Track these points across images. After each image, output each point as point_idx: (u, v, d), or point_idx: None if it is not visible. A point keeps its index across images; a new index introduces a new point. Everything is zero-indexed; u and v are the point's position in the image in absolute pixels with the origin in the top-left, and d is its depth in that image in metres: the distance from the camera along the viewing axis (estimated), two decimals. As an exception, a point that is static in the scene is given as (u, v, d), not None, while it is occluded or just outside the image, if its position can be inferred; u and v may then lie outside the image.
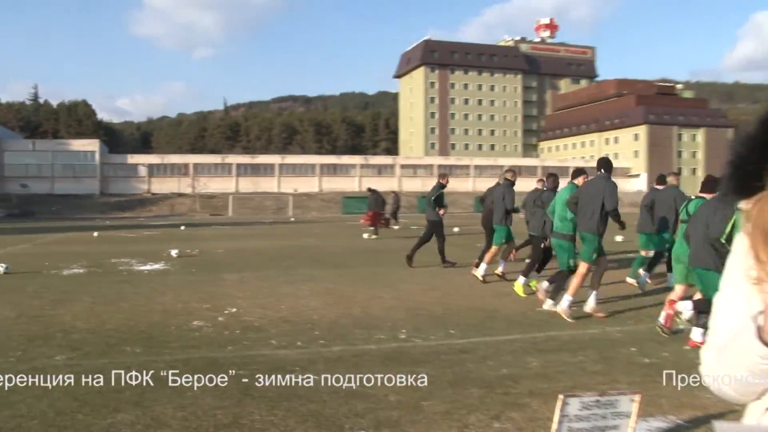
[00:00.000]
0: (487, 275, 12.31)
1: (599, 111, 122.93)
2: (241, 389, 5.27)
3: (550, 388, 5.34)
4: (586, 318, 8.59)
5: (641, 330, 7.90)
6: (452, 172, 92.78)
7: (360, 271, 14.09)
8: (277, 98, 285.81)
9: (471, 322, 8.31)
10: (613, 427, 3.91)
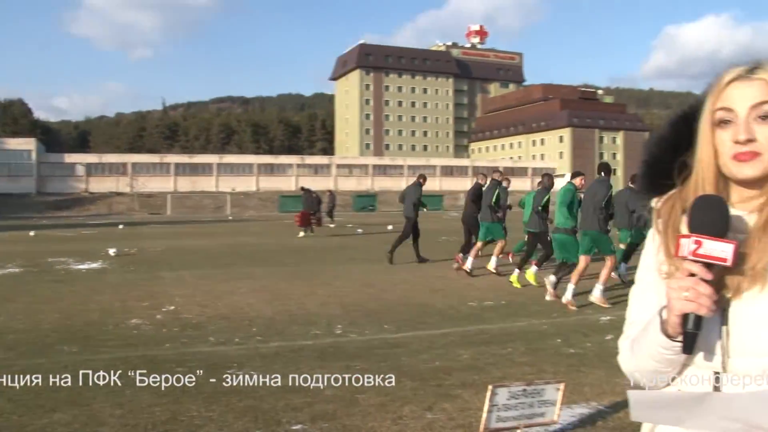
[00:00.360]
0: (472, 269, 12.75)
1: (526, 114, 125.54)
2: (179, 386, 5.25)
3: (480, 379, 5.51)
4: (515, 312, 8.85)
5: (567, 322, 8.20)
6: (386, 172, 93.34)
7: (297, 269, 14.11)
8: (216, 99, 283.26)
9: (405, 317, 8.47)
10: (539, 414, 4.11)
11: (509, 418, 3.98)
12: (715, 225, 1.24)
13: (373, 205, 75.25)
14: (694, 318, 1.22)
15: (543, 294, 10.16)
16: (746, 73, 1.30)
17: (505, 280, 11.90)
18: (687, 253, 1.23)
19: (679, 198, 1.43)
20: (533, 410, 4.07)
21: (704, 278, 1.22)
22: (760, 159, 1.29)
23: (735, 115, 1.29)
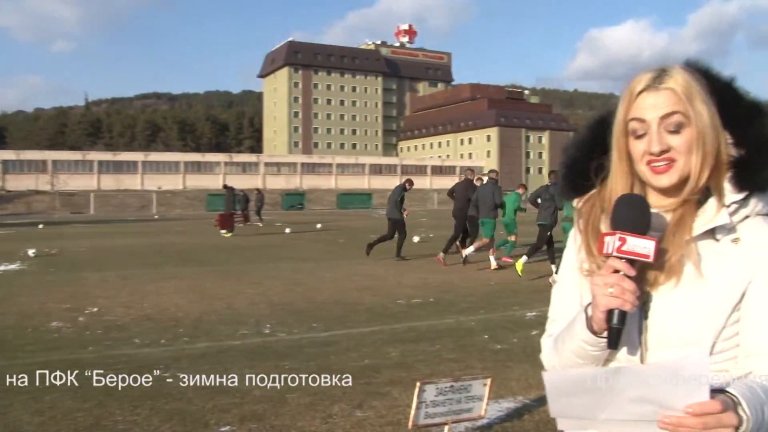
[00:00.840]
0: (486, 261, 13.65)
1: (454, 113, 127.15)
2: (103, 390, 5.12)
3: (409, 377, 5.55)
4: (443, 309, 8.94)
5: (493, 318, 8.33)
6: (315, 170, 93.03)
7: (225, 268, 13.94)
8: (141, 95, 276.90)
9: (334, 316, 8.47)
10: (467, 409, 4.17)
11: (437, 414, 4.02)
12: (638, 222, 1.29)
13: (302, 204, 74.84)
14: (618, 313, 1.26)
15: (471, 291, 10.33)
16: (654, 83, 1.35)
17: (438, 278, 12.02)
18: (611, 250, 1.27)
19: (598, 198, 1.48)
20: (461, 406, 4.12)
21: (628, 274, 1.26)
22: (675, 167, 1.35)
23: (647, 125, 1.34)
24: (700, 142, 1.34)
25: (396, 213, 16.15)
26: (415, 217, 45.71)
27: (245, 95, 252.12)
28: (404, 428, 4.29)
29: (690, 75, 1.35)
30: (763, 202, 1.38)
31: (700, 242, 1.36)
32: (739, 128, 1.39)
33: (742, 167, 1.37)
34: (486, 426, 4.50)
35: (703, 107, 1.33)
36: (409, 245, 20.04)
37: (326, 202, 79.93)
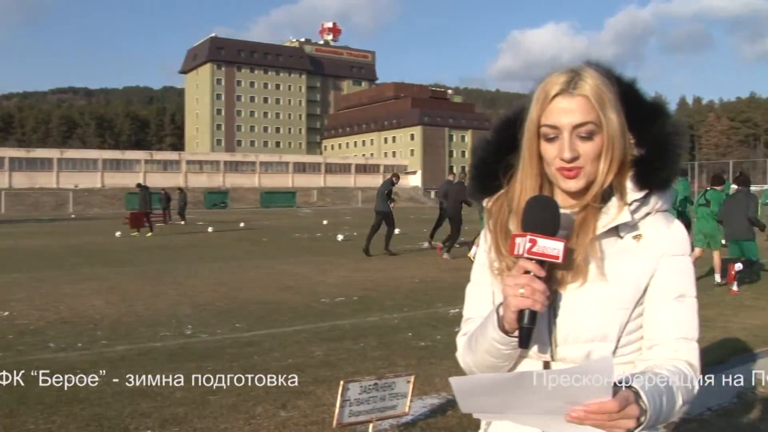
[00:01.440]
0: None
1: (378, 112, 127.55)
2: (16, 397, 4.94)
3: (333, 375, 5.54)
4: (367, 307, 8.96)
5: (417, 316, 8.40)
6: (238, 168, 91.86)
7: (145, 268, 13.61)
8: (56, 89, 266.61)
9: (257, 315, 8.38)
10: (391, 407, 4.19)
11: (361, 412, 4.03)
12: (548, 224, 1.32)
13: (225, 202, 73.92)
14: (529, 313, 1.28)
15: (395, 289, 10.41)
16: (569, 87, 1.37)
17: (362, 276, 12.05)
18: (522, 251, 1.30)
19: (506, 198, 1.51)
20: (385, 403, 4.14)
21: (538, 275, 1.28)
22: (584, 173, 1.39)
23: (559, 131, 1.38)
24: (609, 148, 1.39)
25: (384, 206, 16.67)
26: (339, 216, 45.75)
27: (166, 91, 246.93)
28: (329, 427, 4.29)
29: (601, 79, 1.39)
30: (662, 199, 1.45)
31: (604, 240, 1.42)
32: (641, 128, 1.44)
33: (643, 166, 1.43)
34: (410, 422, 4.53)
35: (613, 114, 1.38)
36: (332, 243, 20.04)
37: (250, 201, 79.19)
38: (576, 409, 1.16)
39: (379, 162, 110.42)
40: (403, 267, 13.61)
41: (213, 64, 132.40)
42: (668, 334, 1.41)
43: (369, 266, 13.80)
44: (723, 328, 7.52)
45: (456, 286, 10.45)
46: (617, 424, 1.16)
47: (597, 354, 1.39)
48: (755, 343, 6.86)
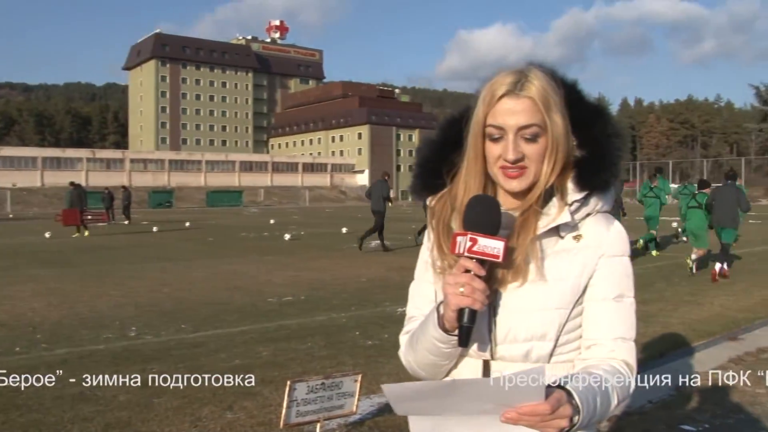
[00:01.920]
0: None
1: (326, 111, 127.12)
2: (-52, 404, 4.79)
3: (280, 375, 5.52)
4: (314, 307, 8.93)
5: (365, 314, 8.40)
6: (183, 167, 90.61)
7: (87, 269, 13.31)
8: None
9: (203, 316, 8.28)
10: (338, 406, 4.19)
11: (309, 412, 4.02)
12: (489, 223, 1.33)
13: (170, 202, 72.91)
14: (469, 312, 1.29)
15: (342, 288, 10.41)
16: (515, 88, 1.39)
17: (309, 275, 12.00)
18: (462, 250, 1.31)
19: (449, 196, 1.52)
20: (332, 403, 4.14)
21: (478, 274, 1.29)
22: (527, 174, 1.41)
23: (505, 132, 1.39)
24: (553, 150, 1.41)
25: (381, 206, 17.15)
26: (287, 215, 45.50)
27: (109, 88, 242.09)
28: (276, 428, 4.27)
29: (547, 81, 1.40)
30: (603, 200, 1.47)
31: (544, 240, 1.44)
32: (582, 130, 1.46)
33: (584, 168, 1.45)
34: (358, 422, 4.54)
35: (558, 117, 1.40)
36: (279, 243, 19.93)
37: (195, 200, 78.26)
38: (509, 411, 1.17)
39: (326, 161, 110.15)
40: (350, 266, 13.61)
41: (157, 60, 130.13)
42: (606, 334, 1.43)
43: (316, 266, 13.76)
44: (663, 323, 7.72)
45: (403, 285, 10.42)
46: (550, 425, 1.18)
47: (536, 353, 1.41)
48: (693, 337, 7.06)
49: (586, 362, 1.43)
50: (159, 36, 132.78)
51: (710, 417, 4.83)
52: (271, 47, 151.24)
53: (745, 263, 13.81)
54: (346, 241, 20.61)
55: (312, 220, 38.28)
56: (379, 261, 14.56)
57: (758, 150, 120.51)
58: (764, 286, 10.61)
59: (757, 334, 7.41)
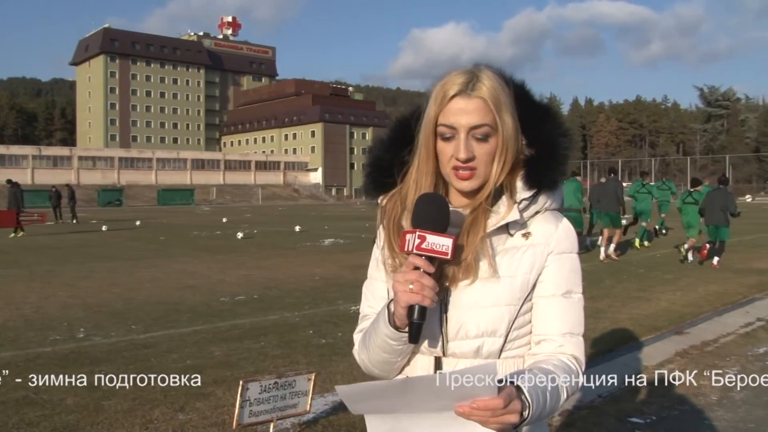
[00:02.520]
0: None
1: (279, 108, 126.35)
2: None
3: (233, 375, 5.47)
4: (268, 306, 8.87)
5: (318, 313, 8.38)
6: (134, 165, 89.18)
7: (33, 270, 12.97)
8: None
9: (154, 317, 8.15)
10: (292, 405, 4.17)
11: (262, 411, 4.00)
12: (437, 221, 1.35)
13: (120, 200, 71.69)
14: (419, 309, 1.31)
15: (296, 287, 10.38)
16: (467, 88, 1.41)
17: (263, 274, 11.93)
18: (411, 247, 1.32)
19: (399, 195, 1.54)
20: (286, 402, 4.12)
21: (427, 271, 1.31)
22: (477, 174, 1.43)
23: (456, 132, 1.41)
24: (503, 150, 1.43)
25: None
26: (239, 213, 45.14)
27: (56, 84, 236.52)
28: (229, 428, 4.23)
29: (498, 82, 1.43)
30: (551, 198, 1.51)
31: (494, 238, 1.46)
32: (531, 129, 1.49)
33: (533, 167, 1.48)
34: (312, 421, 4.52)
35: (508, 117, 1.42)
36: (232, 241, 19.76)
37: (146, 199, 77.21)
38: (462, 405, 1.19)
39: (279, 159, 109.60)
40: (303, 265, 13.56)
41: (106, 56, 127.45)
42: (555, 330, 1.47)
43: (270, 264, 13.68)
44: (612, 318, 7.87)
45: (356, 283, 10.42)
46: (501, 420, 1.20)
47: (487, 349, 1.43)
48: (641, 332, 7.22)
49: (536, 357, 1.46)
50: (108, 30, 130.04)
51: (657, 409, 4.94)
52: (224, 44, 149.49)
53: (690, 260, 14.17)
54: (299, 239, 20.54)
55: (265, 218, 38.05)
56: (333, 259, 14.54)
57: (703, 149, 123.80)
58: (709, 282, 10.90)
59: (702, 328, 7.61)
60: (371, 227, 1.43)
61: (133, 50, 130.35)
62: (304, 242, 19.23)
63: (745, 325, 7.90)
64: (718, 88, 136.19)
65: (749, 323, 8.02)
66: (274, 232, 24.68)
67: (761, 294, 9.83)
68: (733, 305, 8.95)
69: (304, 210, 54.81)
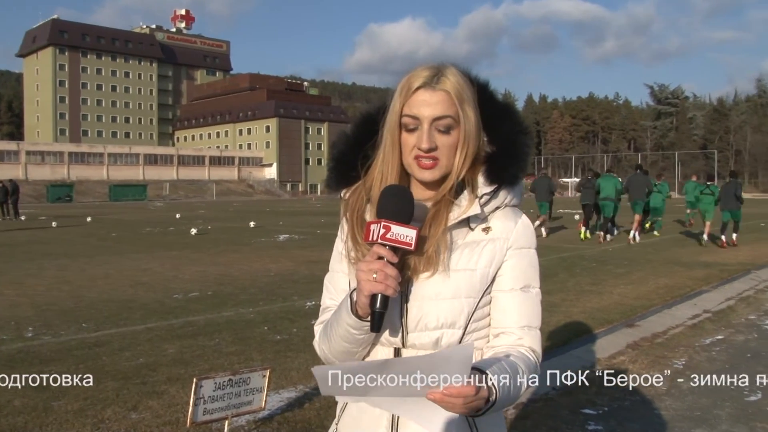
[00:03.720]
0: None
1: (233, 103, 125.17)
2: None
3: (187, 373, 5.40)
4: (222, 302, 8.79)
5: (273, 309, 8.32)
6: (84, 159, 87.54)
7: (-25, 269, 12.64)
8: None
9: (106, 314, 8.01)
10: (247, 402, 4.14)
11: (216, 409, 3.97)
12: (401, 212, 1.37)
13: (70, 196, 70.35)
14: (381, 298, 1.33)
15: (251, 283, 10.30)
16: (432, 81, 1.44)
17: (217, 270, 11.82)
18: (376, 237, 1.34)
19: (363, 188, 1.56)
20: (240, 399, 4.09)
21: (391, 261, 1.33)
22: (439, 165, 1.46)
23: (420, 122, 1.44)
24: (465, 143, 1.47)
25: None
26: (193, 209, 44.64)
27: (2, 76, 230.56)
28: (183, 427, 4.19)
29: (462, 78, 1.47)
30: (512, 194, 1.54)
31: (455, 231, 1.50)
32: (493, 128, 1.53)
33: (493, 163, 1.51)
34: (267, 417, 4.50)
35: (471, 111, 1.46)
36: (186, 237, 19.53)
37: (98, 194, 75.93)
38: (433, 392, 1.21)
39: (234, 154, 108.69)
40: (258, 260, 13.47)
41: (55, 48, 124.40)
42: (514, 323, 1.50)
43: (224, 260, 13.55)
44: (566, 312, 7.99)
45: (312, 279, 10.49)
46: (470, 405, 1.22)
47: (446, 341, 1.46)
48: (594, 325, 7.34)
49: (495, 350, 1.49)
50: (56, 22, 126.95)
51: (609, 400, 5.03)
52: (177, 37, 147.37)
53: (641, 253, 14.46)
54: (254, 235, 20.40)
55: (219, 214, 37.69)
56: (288, 255, 14.47)
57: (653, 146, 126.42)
58: (659, 275, 11.13)
59: (652, 320, 7.78)
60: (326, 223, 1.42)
61: (83, 42, 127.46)
62: (258, 238, 19.10)
63: (692, 317, 8.10)
64: (668, 87, 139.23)
65: (696, 315, 8.22)
66: (229, 227, 24.46)
67: (708, 287, 10.08)
68: (682, 298, 9.15)
69: (258, 206, 54.39)
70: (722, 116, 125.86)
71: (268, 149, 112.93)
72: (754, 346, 6.86)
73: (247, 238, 19.09)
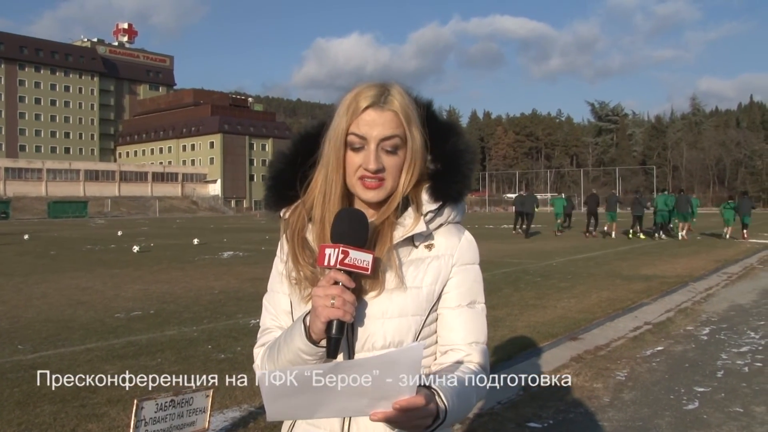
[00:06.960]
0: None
1: (177, 118, 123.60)
2: None
3: (128, 394, 5.26)
4: (165, 321, 8.62)
5: (217, 328, 8.19)
6: (22, 175, 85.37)
7: None
8: None
9: (43, 335, 7.76)
10: (189, 423, 4.06)
11: (158, 431, 3.87)
12: (358, 236, 1.36)
13: (7, 213, 68.36)
14: (338, 324, 1.31)
15: (194, 301, 10.14)
16: (379, 101, 1.43)
17: (159, 288, 11.60)
18: (334, 262, 1.32)
19: (303, 207, 1.54)
20: (183, 420, 4.01)
21: (348, 286, 1.32)
22: (384, 186, 1.46)
23: (366, 142, 1.43)
24: (411, 163, 1.47)
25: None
26: (136, 226, 43.84)
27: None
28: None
29: (407, 97, 1.47)
30: (455, 211, 1.55)
31: (400, 249, 1.49)
32: (436, 145, 1.53)
33: (438, 180, 1.52)
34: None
35: (417, 131, 1.46)
36: (127, 255, 19.15)
37: (36, 211, 74.01)
38: (377, 412, 1.20)
39: (177, 170, 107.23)
40: (202, 278, 13.27)
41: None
42: (461, 339, 1.50)
43: (167, 278, 13.31)
44: (510, 326, 8.06)
45: (256, 296, 10.32)
46: (418, 423, 1.22)
47: None
48: (538, 339, 7.42)
49: (443, 366, 1.48)
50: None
51: (554, 413, 5.09)
52: (119, 51, 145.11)
53: (584, 267, 14.72)
54: (198, 252, 20.13)
55: (162, 231, 37.09)
56: (232, 272, 14.30)
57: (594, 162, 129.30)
58: (601, 288, 11.34)
59: (595, 333, 7.91)
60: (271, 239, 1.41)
61: (20, 55, 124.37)
62: (202, 255, 18.85)
63: (634, 329, 8.27)
64: (608, 104, 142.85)
65: (637, 327, 8.40)
66: (172, 245, 24.07)
67: (648, 299, 10.32)
68: (623, 310, 9.33)
69: (202, 222, 53.76)
70: (660, 133, 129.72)
71: (212, 165, 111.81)
72: (691, 356, 7.04)
73: (190, 256, 18.81)
